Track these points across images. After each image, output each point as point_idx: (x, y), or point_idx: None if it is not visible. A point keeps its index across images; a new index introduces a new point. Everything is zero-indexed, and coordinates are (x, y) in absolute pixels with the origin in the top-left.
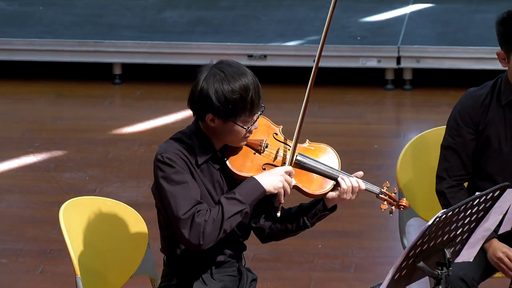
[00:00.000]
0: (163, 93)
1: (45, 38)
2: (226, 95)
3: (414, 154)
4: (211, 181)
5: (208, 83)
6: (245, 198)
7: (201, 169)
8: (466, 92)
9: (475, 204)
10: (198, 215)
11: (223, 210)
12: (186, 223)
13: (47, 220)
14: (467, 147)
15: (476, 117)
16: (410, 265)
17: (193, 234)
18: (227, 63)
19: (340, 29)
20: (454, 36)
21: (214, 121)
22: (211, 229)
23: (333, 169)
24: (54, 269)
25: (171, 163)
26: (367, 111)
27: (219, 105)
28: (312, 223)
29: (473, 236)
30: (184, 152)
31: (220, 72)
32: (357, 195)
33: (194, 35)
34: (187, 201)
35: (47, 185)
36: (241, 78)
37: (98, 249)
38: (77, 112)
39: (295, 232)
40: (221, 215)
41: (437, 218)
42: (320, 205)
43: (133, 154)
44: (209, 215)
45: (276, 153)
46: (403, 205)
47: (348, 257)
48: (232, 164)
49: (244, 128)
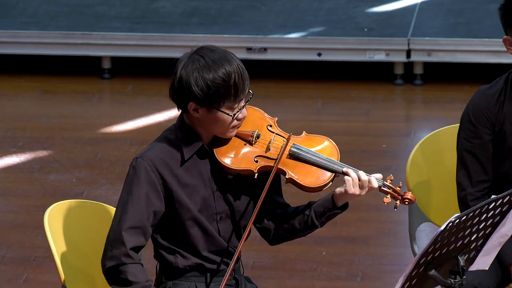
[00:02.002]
0: (156, 88)
1: (28, 29)
2: (206, 81)
3: (425, 154)
4: (200, 178)
5: (186, 71)
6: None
7: (187, 167)
8: (477, 91)
9: (490, 208)
10: (125, 265)
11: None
12: (112, 256)
13: (31, 225)
14: (486, 149)
15: (492, 117)
16: (420, 273)
17: (111, 266)
18: (208, 48)
19: (346, 20)
20: (468, 28)
21: (198, 110)
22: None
23: (331, 161)
24: (39, 277)
25: (136, 172)
26: (374, 108)
27: (199, 91)
28: (321, 222)
29: (489, 243)
30: (166, 154)
31: (200, 57)
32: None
33: (189, 26)
34: (130, 216)
35: (31, 187)
36: (223, 63)
37: (86, 256)
38: (63, 109)
39: (303, 232)
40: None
41: (450, 223)
42: (329, 203)
43: (123, 154)
44: (132, 270)
45: (269, 144)
46: (408, 198)
47: (354, 265)
48: (221, 157)
49: (230, 116)
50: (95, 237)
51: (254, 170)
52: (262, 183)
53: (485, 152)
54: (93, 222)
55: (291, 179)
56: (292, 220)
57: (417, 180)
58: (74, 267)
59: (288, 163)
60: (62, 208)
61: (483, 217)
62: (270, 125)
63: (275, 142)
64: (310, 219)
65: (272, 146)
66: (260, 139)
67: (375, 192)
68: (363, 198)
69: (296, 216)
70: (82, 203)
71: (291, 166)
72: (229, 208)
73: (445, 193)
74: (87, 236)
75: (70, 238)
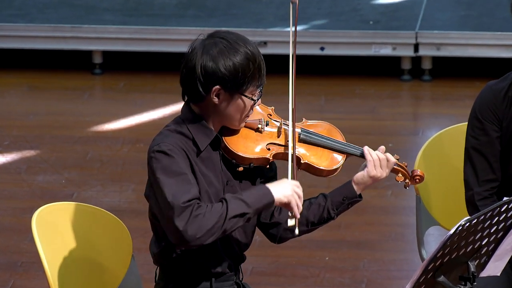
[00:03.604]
0: (150, 84)
1: (15, 22)
2: (234, 62)
3: (433, 154)
4: (214, 170)
5: (211, 54)
6: (252, 202)
7: (202, 158)
8: (486, 86)
9: (502, 211)
10: (199, 206)
11: (227, 207)
12: (184, 212)
13: (18, 229)
14: (493, 147)
15: (499, 113)
16: (429, 279)
17: (191, 225)
18: (225, 31)
19: (350, 12)
20: (479, 20)
21: (220, 96)
22: (212, 223)
23: (341, 143)
24: (26, 284)
25: (170, 152)
26: (380, 105)
27: (228, 74)
28: (338, 213)
29: (501, 247)
30: (183, 143)
31: (221, 39)
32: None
33: (185, 19)
34: (186, 190)
35: (18, 189)
36: (246, 44)
37: (76, 262)
38: (51, 107)
39: (316, 226)
40: (225, 211)
41: (460, 227)
42: (348, 191)
43: (115, 154)
44: (211, 209)
45: (278, 131)
46: (418, 175)
47: (359, 271)
48: (234, 147)
49: (253, 100)
50: (86, 241)
51: (269, 158)
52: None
53: (492, 150)
54: (84, 225)
55: (307, 163)
56: (306, 212)
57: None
58: (63, 273)
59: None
60: (50, 211)
61: (494, 220)
62: (270, 114)
63: (283, 128)
64: (326, 210)
65: (281, 132)
66: (269, 126)
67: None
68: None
69: (310, 207)
70: (72, 206)
71: (305, 151)
72: None
73: (455, 195)
74: (77, 241)
75: (59, 242)
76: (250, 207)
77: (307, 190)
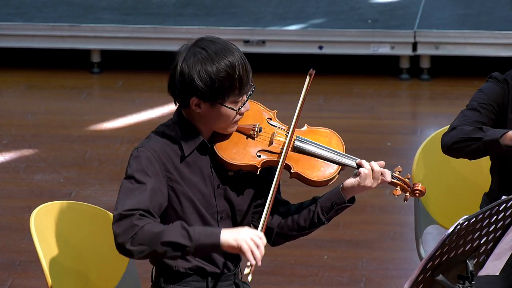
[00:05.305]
0: (148, 83)
1: (13, 21)
2: (210, 75)
3: (432, 153)
4: (201, 175)
5: (188, 64)
6: (196, 237)
7: (188, 163)
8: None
9: (501, 210)
10: (140, 218)
11: (166, 230)
12: (122, 219)
13: (16, 228)
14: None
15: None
16: (427, 278)
17: (125, 234)
18: (209, 40)
19: (349, 11)
20: (478, 19)
21: (200, 105)
22: (146, 239)
23: (339, 153)
24: (25, 283)
25: (141, 160)
26: (379, 104)
27: (203, 86)
28: (328, 218)
29: (499, 246)
30: (166, 148)
31: (201, 50)
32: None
33: (183, 17)
34: (135, 201)
35: (16, 188)
36: (226, 55)
37: (74, 261)
38: (50, 106)
39: (308, 230)
40: (162, 234)
41: (459, 225)
42: (337, 197)
43: (113, 153)
44: (152, 225)
45: (271, 138)
46: (419, 190)
47: (357, 270)
48: (222, 153)
49: (234, 110)
50: (84, 240)
51: (258, 165)
52: (263, 180)
53: (487, 113)
54: (82, 224)
55: (297, 173)
56: (296, 217)
57: (424, 180)
58: (61, 272)
59: (292, 157)
60: (49, 210)
61: (493, 219)
62: (270, 118)
63: (278, 135)
64: (316, 215)
65: (274, 139)
66: (262, 132)
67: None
68: (366, 199)
69: (300, 212)
70: (70, 205)
71: (296, 160)
72: (229, 207)
73: (453, 194)
74: (75, 239)
75: (58, 241)
76: (191, 241)
77: (303, 190)
